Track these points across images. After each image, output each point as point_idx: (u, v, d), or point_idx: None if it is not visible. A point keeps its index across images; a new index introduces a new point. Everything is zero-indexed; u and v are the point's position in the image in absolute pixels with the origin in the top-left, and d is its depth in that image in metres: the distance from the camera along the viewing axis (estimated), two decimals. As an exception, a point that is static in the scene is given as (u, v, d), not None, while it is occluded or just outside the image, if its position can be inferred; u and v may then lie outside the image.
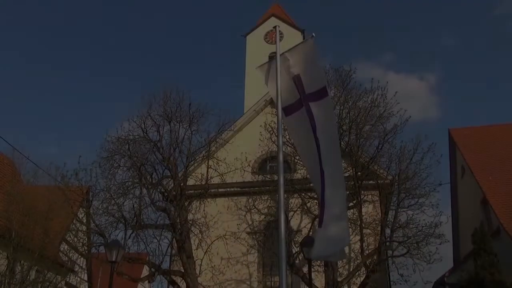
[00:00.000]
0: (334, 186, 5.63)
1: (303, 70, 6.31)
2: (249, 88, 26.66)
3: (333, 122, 6.12)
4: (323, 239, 5.54)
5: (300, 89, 6.24)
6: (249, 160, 19.62)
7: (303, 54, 6.39)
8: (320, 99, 6.01)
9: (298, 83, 6.28)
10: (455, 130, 23.73)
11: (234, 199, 19.45)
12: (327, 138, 5.82)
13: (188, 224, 16.35)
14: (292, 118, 6.39)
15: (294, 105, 6.35)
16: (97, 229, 16.10)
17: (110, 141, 16.76)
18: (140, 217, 16.08)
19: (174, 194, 16.35)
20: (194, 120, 17.15)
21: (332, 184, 5.63)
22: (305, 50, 6.39)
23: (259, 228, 19.19)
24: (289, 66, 6.47)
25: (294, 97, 6.34)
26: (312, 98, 6.08)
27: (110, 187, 16.31)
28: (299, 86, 6.27)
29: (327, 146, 5.77)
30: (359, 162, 16.92)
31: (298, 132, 6.43)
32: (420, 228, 16.17)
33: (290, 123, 6.54)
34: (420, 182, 16.65)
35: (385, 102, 17.11)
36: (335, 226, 5.49)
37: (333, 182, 5.64)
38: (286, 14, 31.95)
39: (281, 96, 6.48)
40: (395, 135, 16.91)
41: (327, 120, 5.96)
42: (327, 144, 5.78)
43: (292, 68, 6.42)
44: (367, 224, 16.81)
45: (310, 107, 6.05)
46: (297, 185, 17.13)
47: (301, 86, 6.23)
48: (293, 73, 6.39)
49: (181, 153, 17.14)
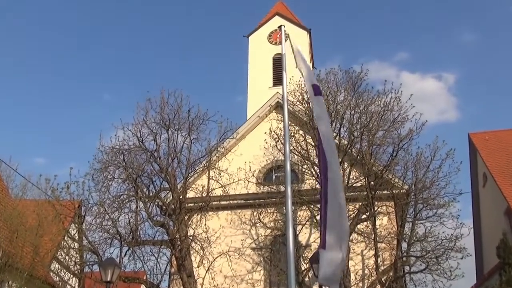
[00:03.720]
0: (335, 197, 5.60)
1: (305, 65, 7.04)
2: (252, 93, 26.72)
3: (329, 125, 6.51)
4: (328, 261, 5.44)
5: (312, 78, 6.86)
6: (253, 170, 19.63)
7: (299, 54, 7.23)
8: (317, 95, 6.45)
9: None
10: (476, 134, 23.71)
11: (237, 213, 19.45)
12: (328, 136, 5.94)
13: (188, 240, 16.34)
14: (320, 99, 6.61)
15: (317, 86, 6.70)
16: (90, 247, 16.09)
17: (104, 151, 16.82)
18: (137, 232, 16.08)
19: (173, 207, 16.36)
20: (194, 128, 17.19)
21: (333, 195, 5.61)
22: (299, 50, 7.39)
23: (265, 244, 19.15)
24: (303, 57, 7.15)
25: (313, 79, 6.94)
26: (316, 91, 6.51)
27: (104, 200, 16.34)
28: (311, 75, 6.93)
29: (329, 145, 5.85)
30: (372, 170, 16.94)
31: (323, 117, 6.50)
32: (440, 242, 16.12)
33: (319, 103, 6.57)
34: (438, 192, 16.66)
35: (399, 106, 17.19)
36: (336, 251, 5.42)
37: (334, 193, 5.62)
38: (291, 12, 32.07)
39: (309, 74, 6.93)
40: (410, 141, 16.96)
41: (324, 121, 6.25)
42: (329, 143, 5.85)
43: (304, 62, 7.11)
44: (382, 237, 16.77)
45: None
46: (306, 196, 17.14)
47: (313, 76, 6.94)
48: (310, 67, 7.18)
49: (180, 164, 17.18)
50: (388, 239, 16.85)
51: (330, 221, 5.50)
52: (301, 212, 17.84)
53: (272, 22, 29.08)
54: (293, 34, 30.29)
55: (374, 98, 17.41)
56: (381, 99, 17.34)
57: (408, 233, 16.63)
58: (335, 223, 5.48)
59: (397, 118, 17.14)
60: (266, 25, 29.36)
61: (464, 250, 16.10)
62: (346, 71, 17.67)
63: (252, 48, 28.55)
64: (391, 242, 16.78)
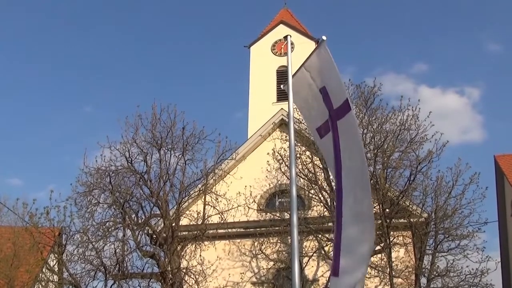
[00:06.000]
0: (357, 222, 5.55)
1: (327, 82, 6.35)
2: (253, 109, 26.83)
3: (359, 143, 6.07)
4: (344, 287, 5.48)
5: (328, 105, 6.25)
6: (255, 195, 19.61)
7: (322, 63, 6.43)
8: (344, 115, 6.00)
9: (326, 97, 6.31)
10: (503, 156, 23.68)
11: (236, 242, 19.39)
12: (353, 164, 5.80)
13: (181, 273, 16.26)
14: (327, 139, 6.36)
15: (326, 124, 6.35)
16: (71, 279, 16.02)
17: (88, 172, 16.83)
18: (123, 264, 16.01)
19: (164, 236, 16.32)
20: (189, 147, 17.23)
21: (356, 221, 5.57)
22: (322, 57, 6.45)
23: (267, 278, 19.04)
24: (311, 80, 6.56)
25: (324, 115, 6.36)
26: (339, 114, 6.08)
27: (88, 228, 16.29)
28: (327, 101, 6.29)
29: (352, 174, 5.75)
30: (387, 196, 16.89)
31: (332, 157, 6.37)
32: (463, 277, 16.08)
33: (325, 146, 6.47)
34: (461, 221, 16.62)
35: (417, 124, 17.21)
36: (352, 276, 5.42)
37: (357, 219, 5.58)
38: (297, 20, 32.38)
39: (311, 115, 6.57)
40: (430, 163, 16.95)
41: (353, 141, 5.93)
42: (352, 172, 5.76)
43: (315, 82, 6.49)
44: (398, 271, 16.66)
45: (337, 126, 6.06)
46: (313, 225, 17.08)
47: (329, 102, 6.24)
48: (318, 87, 6.44)
49: (172, 187, 17.17)
50: (405, 273, 16.74)
51: (346, 242, 5.49)
52: (308, 243, 17.77)
53: (276, 31, 29.33)
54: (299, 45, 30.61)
55: (389, 116, 17.47)
56: (396, 117, 17.40)
57: (427, 267, 16.56)
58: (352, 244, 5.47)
59: (414, 138, 17.16)
60: (270, 34, 29.61)
61: (491, 287, 15.99)
62: (358, 86, 17.76)
63: (254, 60, 28.74)
64: (409, 277, 16.67)
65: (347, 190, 5.69)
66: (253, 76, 27.82)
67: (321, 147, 6.66)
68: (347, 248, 5.52)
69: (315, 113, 6.55)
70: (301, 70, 6.71)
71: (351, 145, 5.93)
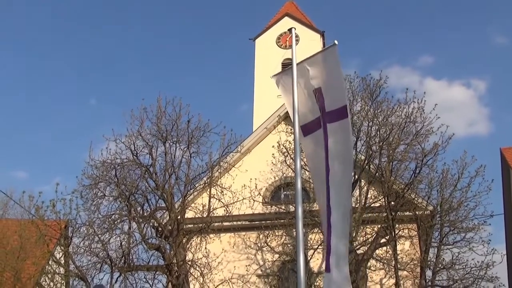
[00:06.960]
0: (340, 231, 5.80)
1: (325, 84, 6.38)
2: (258, 101, 26.84)
3: (350, 150, 6.19)
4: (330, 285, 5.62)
5: (321, 105, 6.31)
6: (260, 188, 19.63)
7: (325, 65, 6.45)
8: (338, 120, 6.08)
9: (319, 98, 6.34)
10: (509, 149, 23.59)
11: (242, 235, 19.44)
12: (339, 168, 5.91)
13: (187, 266, 16.31)
14: (311, 138, 6.46)
15: (313, 123, 6.42)
16: (77, 272, 16.10)
17: (94, 165, 16.87)
18: (129, 257, 16.08)
19: (169, 229, 16.37)
20: (194, 140, 17.23)
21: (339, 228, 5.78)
22: (327, 60, 6.46)
23: (272, 270, 19.09)
24: (308, 77, 6.56)
25: (313, 114, 6.43)
26: (331, 118, 6.15)
27: (94, 220, 16.36)
28: (319, 102, 6.34)
29: (338, 178, 5.86)
30: (393, 189, 16.90)
31: (314, 156, 6.52)
32: (469, 270, 16.10)
33: (307, 145, 6.61)
34: (467, 214, 16.64)
35: (422, 117, 17.19)
36: (340, 272, 5.61)
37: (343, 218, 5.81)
38: (302, 12, 32.29)
39: (299, 112, 6.56)
40: (435, 156, 16.95)
41: (343, 146, 6.03)
42: (338, 176, 5.87)
43: (312, 80, 6.50)
44: (404, 264, 16.70)
45: (327, 128, 6.13)
46: (318, 218, 17.08)
47: (322, 103, 6.29)
48: (314, 86, 6.46)
49: (178, 180, 17.21)
50: (411, 266, 16.78)
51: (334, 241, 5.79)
52: (313, 235, 17.79)
53: (281, 23, 29.33)
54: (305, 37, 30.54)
55: (394, 108, 17.43)
56: (402, 109, 17.37)
57: (433, 259, 16.58)
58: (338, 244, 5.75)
59: (420, 131, 17.14)
60: (275, 27, 29.61)
61: (497, 280, 16.06)
62: (363, 78, 17.72)
63: (259, 52, 28.75)
64: (414, 269, 16.70)
65: (333, 192, 5.85)
66: (258, 69, 27.84)
67: (303, 145, 6.71)
68: (335, 246, 5.70)
69: (304, 110, 6.60)
70: (301, 65, 6.76)
71: (343, 151, 6.04)
